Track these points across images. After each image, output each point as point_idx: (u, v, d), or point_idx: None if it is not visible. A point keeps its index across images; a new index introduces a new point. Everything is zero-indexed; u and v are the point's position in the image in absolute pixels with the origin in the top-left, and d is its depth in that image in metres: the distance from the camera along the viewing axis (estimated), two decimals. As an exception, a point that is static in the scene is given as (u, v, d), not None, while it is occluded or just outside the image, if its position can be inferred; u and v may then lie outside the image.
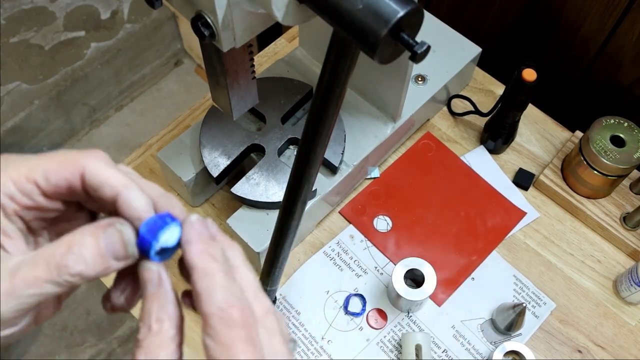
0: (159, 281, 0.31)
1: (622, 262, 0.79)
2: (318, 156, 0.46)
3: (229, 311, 0.29)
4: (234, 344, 0.29)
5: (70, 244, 0.29)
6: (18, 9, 1.44)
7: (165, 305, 0.30)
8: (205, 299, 0.30)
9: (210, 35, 0.45)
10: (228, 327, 0.29)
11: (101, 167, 0.31)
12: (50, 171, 0.31)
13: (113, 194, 0.31)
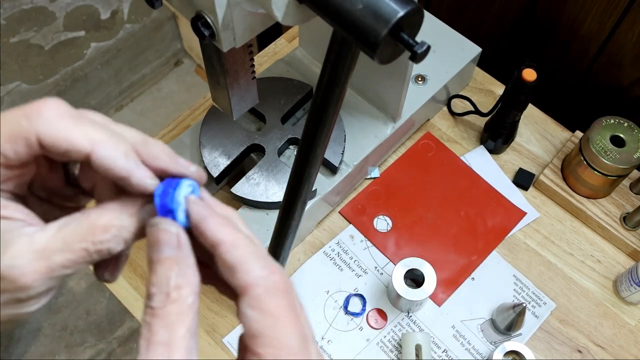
0: (178, 243, 0.28)
1: (622, 262, 0.79)
2: (318, 156, 0.46)
3: (272, 278, 0.28)
4: (280, 312, 0.28)
5: (107, 226, 0.28)
6: (18, 9, 1.44)
7: (186, 270, 0.28)
8: (243, 270, 0.28)
9: (210, 35, 0.45)
10: (273, 296, 0.28)
11: (58, 128, 0.27)
12: (5, 149, 0.27)
13: (83, 155, 0.28)
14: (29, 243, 0.27)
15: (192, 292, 0.27)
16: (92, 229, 0.27)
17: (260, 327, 0.27)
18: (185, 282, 0.27)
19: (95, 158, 0.27)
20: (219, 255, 0.28)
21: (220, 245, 0.28)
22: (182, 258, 0.28)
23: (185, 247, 0.28)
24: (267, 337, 0.27)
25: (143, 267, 0.77)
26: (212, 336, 0.73)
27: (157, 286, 0.27)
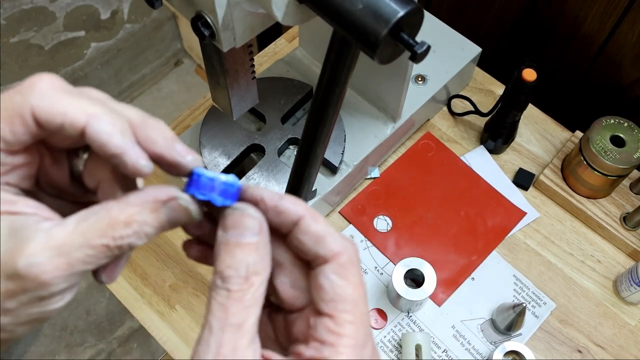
0: (260, 230, 0.28)
1: (622, 262, 0.79)
2: (318, 156, 0.46)
3: (353, 248, 0.29)
4: (359, 280, 0.29)
5: (128, 221, 0.27)
6: (18, 9, 1.44)
7: (264, 257, 0.28)
8: (330, 240, 0.29)
9: (210, 35, 0.45)
10: (355, 265, 0.29)
11: (52, 101, 0.26)
12: (4, 133, 0.27)
13: (78, 128, 0.26)
14: (47, 239, 0.26)
15: (266, 280, 0.28)
16: (112, 224, 0.27)
17: (344, 292, 0.28)
18: (262, 269, 0.28)
19: (90, 131, 0.26)
20: (303, 228, 0.29)
21: (303, 219, 0.29)
22: (262, 245, 0.28)
23: (265, 235, 0.28)
24: (349, 302, 0.28)
25: (143, 267, 0.77)
26: (212, 336, 0.73)
27: (235, 269, 0.27)
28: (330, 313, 0.28)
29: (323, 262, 0.29)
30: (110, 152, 0.27)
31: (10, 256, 0.26)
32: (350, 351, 0.28)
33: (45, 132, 0.27)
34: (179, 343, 0.72)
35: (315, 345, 0.28)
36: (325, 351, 0.27)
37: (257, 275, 0.27)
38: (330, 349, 0.27)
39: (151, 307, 0.74)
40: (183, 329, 0.73)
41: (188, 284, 0.76)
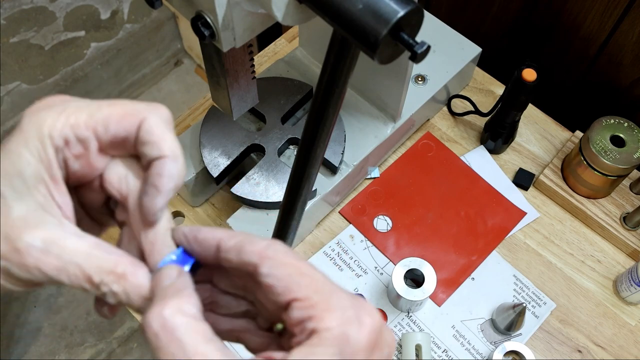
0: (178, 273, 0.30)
1: (622, 262, 0.79)
2: (318, 156, 0.46)
3: (273, 244, 0.30)
4: (294, 260, 0.29)
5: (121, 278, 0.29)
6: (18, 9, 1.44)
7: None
8: (250, 245, 0.29)
9: (210, 35, 0.45)
10: (283, 251, 0.30)
11: (160, 125, 0.30)
12: (111, 120, 0.29)
13: (156, 155, 0.29)
14: (60, 238, 0.28)
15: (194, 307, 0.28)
16: (112, 273, 0.28)
17: (287, 276, 0.28)
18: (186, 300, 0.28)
19: (162, 163, 0.29)
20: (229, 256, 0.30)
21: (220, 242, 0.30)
22: (177, 283, 0.29)
23: (184, 276, 0.30)
24: (299, 282, 0.28)
25: (143, 267, 0.77)
26: (212, 336, 0.73)
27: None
28: (291, 297, 0.28)
29: (256, 268, 0.29)
30: (160, 188, 0.29)
31: (24, 224, 0.27)
32: (328, 309, 0.27)
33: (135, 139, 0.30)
34: (179, 343, 0.72)
35: (299, 329, 0.28)
36: (310, 325, 0.27)
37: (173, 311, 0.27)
38: (311, 321, 0.27)
39: (151, 307, 0.74)
40: (183, 329, 0.73)
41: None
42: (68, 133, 0.28)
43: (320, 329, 0.27)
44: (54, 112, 0.29)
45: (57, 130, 0.28)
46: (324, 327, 0.27)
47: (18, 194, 0.27)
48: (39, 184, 0.28)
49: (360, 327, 0.27)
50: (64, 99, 0.30)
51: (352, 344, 0.27)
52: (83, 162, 0.30)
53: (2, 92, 1.56)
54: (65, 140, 0.28)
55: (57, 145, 0.28)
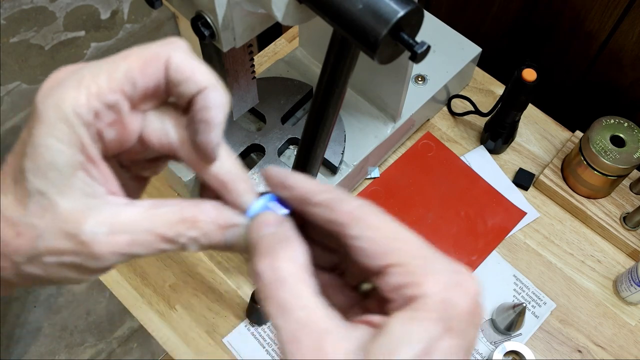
0: (277, 221, 0.29)
1: (622, 262, 0.79)
2: (318, 156, 0.46)
3: (365, 202, 0.28)
4: (385, 217, 0.28)
5: (195, 224, 0.27)
6: (18, 9, 1.44)
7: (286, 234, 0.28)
8: (341, 203, 0.28)
9: (210, 35, 0.45)
10: (373, 210, 0.28)
11: (187, 59, 0.27)
12: (134, 72, 0.26)
13: (196, 90, 0.27)
14: (115, 214, 0.26)
15: (301, 257, 0.27)
16: (183, 220, 0.27)
17: (382, 240, 0.27)
18: (292, 247, 0.27)
19: (206, 95, 0.27)
20: (318, 210, 0.28)
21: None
22: (279, 232, 0.28)
23: (286, 224, 0.28)
24: (395, 247, 0.26)
25: (143, 267, 0.77)
26: (212, 336, 0.73)
27: (260, 264, 0.26)
28: (388, 263, 0.26)
29: (344, 227, 0.27)
30: (207, 117, 0.27)
31: (78, 216, 0.25)
32: (429, 274, 0.26)
33: (169, 84, 0.27)
34: (179, 343, 0.72)
35: (397, 295, 0.26)
36: (409, 291, 0.25)
37: (283, 257, 0.26)
38: (410, 287, 0.25)
39: (151, 307, 0.74)
40: (183, 329, 0.73)
41: (188, 284, 0.76)
42: (95, 104, 0.25)
43: (421, 295, 0.25)
44: (71, 87, 0.26)
45: (83, 105, 0.25)
46: (426, 293, 0.25)
47: (58, 187, 0.25)
48: (77, 170, 0.26)
49: (463, 292, 0.26)
50: (72, 70, 0.27)
51: (455, 311, 0.25)
52: (118, 128, 0.27)
53: (2, 92, 1.56)
54: (94, 113, 0.26)
55: (87, 121, 0.25)
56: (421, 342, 0.24)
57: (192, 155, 0.29)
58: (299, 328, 0.24)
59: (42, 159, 0.25)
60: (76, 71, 0.27)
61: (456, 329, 0.25)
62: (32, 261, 0.26)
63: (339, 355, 0.24)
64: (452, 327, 0.25)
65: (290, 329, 0.24)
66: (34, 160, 0.25)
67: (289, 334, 0.24)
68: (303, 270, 0.26)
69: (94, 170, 0.26)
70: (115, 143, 0.28)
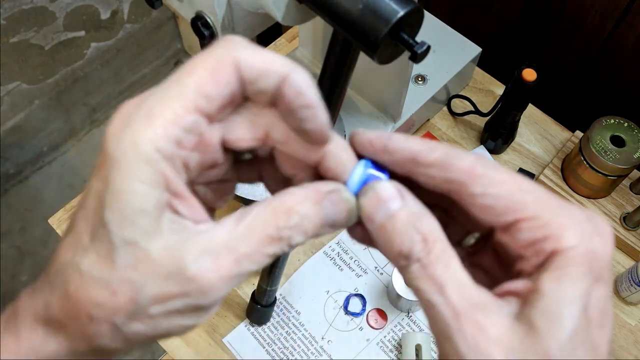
0: (400, 195, 0.26)
1: (622, 262, 0.79)
2: (318, 156, 0.46)
3: (482, 156, 0.27)
4: (504, 170, 0.27)
5: (290, 211, 0.25)
6: (18, 9, 1.44)
7: (419, 209, 0.26)
8: (458, 159, 0.26)
9: (210, 35, 0.45)
10: (490, 163, 0.26)
11: (255, 53, 0.25)
12: (205, 86, 0.24)
13: (278, 80, 0.24)
14: (210, 240, 0.24)
15: (438, 226, 0.25)
16: (275, 212, 0.25)
17: (507, 195, 0.25)
18: (425, 220, 0.25)
19: (292, 78, 0.24)
20: (422, 162, 0.27)
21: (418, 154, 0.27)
22: (410, 203, 0.26)
23: (408, 195, 0.26)
24: (523, 200, 0.25)
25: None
26: (212, 336, 0.73)
27: (407, 242, 0.25)
28: (518, 217, 0.25)
29: (466, 186, 0.26)
30: (306, 101, 0.24)
31: (174, 255, 0.23)
32: (565, 225, 0.24)
33: (244, 85, 0.25)
34: (179, 343, 0.72)
35: (531, 252, 0.25)
36: (547, 246, 0.24)
37: (429, 230, 0.25)
38: (548, 241, 0.24)
39: (151, 307, 0.74)
40: (183, 329, 0.73)
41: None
42: (174, 132, 0.23)
43: (563, 249, 0.24)
44: (143, 121, 0.23)
45: (161, 138, 0.23)
46: (567, 246, 0.24)
47: (148, 233, 0.23)
48: (164, 210, 0.24)
49: (603, 239, 0.25)
50: (137, 102, 0.25)
51: (600, 259, 0.24)
52: (201, 148, 0.25)
53: (2, 92, 1.56)
54: (176, 142, 0.23)
55: (170, 154, 0.23)
56: (580, 300, 0.23)
57: (299, 145, 0.26)
58: (458, 303, 0.23)
59: (128, 206, 0.23)
60: (142, 103, 0.24)
61: (603, 277, 0.24)
62: (136, 317, 0.24)
63: (499, 328, 0.23)
64: (601, 276, 0.24)
65: (449, 305, 0.23)
66: (117, 210, 0.23)
67: (449, 310, 0.23)
68: (448, 245, 0.25)
69: (181, 206, 0.24)
70: (199, 165, 0.25)
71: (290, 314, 0.74)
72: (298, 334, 0.73)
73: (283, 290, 0.76)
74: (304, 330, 0.73)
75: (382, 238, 0.26)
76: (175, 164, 0.24)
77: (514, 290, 0.25)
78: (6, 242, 1.68)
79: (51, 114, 1.72)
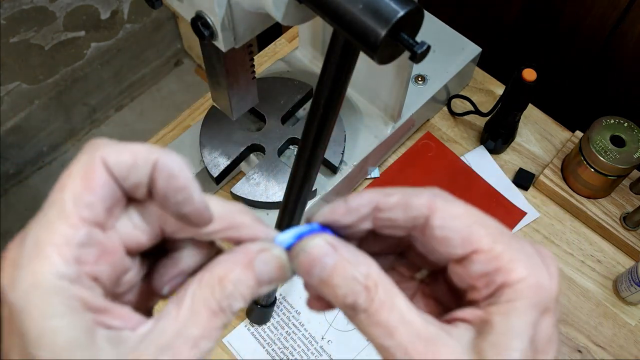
0: (333, 247, 0.26)
1: (622, 262, 0.79)
2: (318, 156, 0.46)
3: (437, 189, 0.28)
4: (466, 205, 0.27)
5: (222, 281, 0.24)
6: (18, 9, 1.44)
7: (357, 256, 0.26)
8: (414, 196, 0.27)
9: (210, 35, 0.45)
10: (448, 198, 0.27)
11: (119, 149, 0.24)
12: (82, 195, 0.23)
13: (149, 169, 0.24)
14: (159, 338, 0.23)
15: (377, 268, 0.25)
16: (210, 287, 0.24)
17: (465, 224, 0.26)
18: (367, 265, 0.25)
19: (162, 162, 0.24)
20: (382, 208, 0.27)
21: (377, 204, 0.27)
22: (346, 254, 0.26)
23: (340, 245, 0.26)
24: (478, 226, 0.26)
25: (143, 267, 0.77)
26: (212, 336, 0.73)
27: (348, 294, 0.25)
28: (472, 249, 0.26)
29: (424, 219, 0.27)
30: (179, 184, 0.24)
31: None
32: (516, 258, 0.25)
33: (119, 183, 0.24)
34: (179, 343, 0.72)
35: (483, 283, 0.25)
36: (498, 278, 0.25)
37: (368, 275, 0.25)
38: (499, 273, 0.25)
39: (151, 307, 0.74)
40: (183, 329, 0.73)
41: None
42: (70, 252, 0.23)
43: (512, 281, 0.24)
44: (32, 257, 0.22)
45: (59, 263, 0.22)
46: (517, 279, 0.24)
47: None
48: (96, 330, 0.23)
49: (550, 273, 0.25)
50: (17, 243, 0.23)
51: (546, 292, 0.25)
52: (106, 258, 0.24)
53: (2, 92, 1.56)
54: (76, 261, 0.23)
55: (75, 275, 0.22)
56: (527, 332, 0.24)
57: (186, 229, 0.27)
58: (409, 343, 0.24)
59: (57, 346, 0.21)
60: (22, 240, 0.23)
61: (550, 308, 0.25)
62: None
63: (451, 356, 0.24)
64: (547, 308, 0.25)
65: (400, 346, 0.24)
66: (47, 355, 0.21)
67: (401, 351, 0.24)
68: (390, 283, 0.25)
69: (110, 319, 0.23)
70: (112, 276, 0.25)
71: (290, 314, 0.74)
72: (298, 334, 0.73)
73: (283, 290, 0.76)
74: (304, 330, 0.74)
75: (325, 293, 0.26)
76: (84, 282, 0.23)
77: (463, 317, 0.26)
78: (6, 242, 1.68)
79: (51, 114, 1.72)
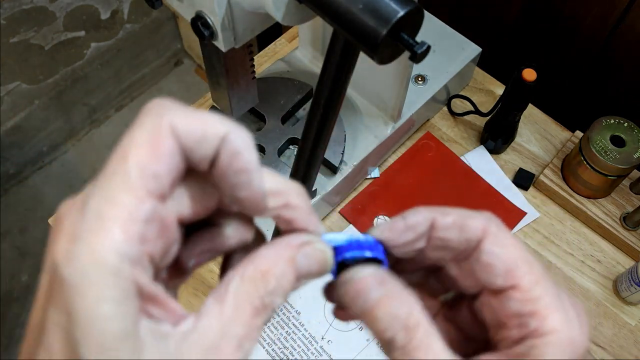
0: (381, 281, 0.26)
1: (622, 262, 0.79)
2: (318, 156, 0.46)
3: (492, 217, 0.28)
4: (517, 241, 0.28)
5: (266, 275, 0.23)
6: (18, 9, 1.44)
7: (401, 296, 0.25)
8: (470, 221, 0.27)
9: (210, 35, 0.45)
10: (503, 229, 0.28)
11: (190, 116, 0.22)
12: (149, 164, 0.21)
13: (217, 142, 0.22)
14: (203, 339, 0.22)
15: (421, 311, 0.25)
16: (253, 283, 0.23)
17: (512, 257, 0.26)
18: (410, 304, 0.25)
19: (231, 138, 0.22)
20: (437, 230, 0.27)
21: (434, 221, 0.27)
22: (393, 290, 0.25)
23: (388, 279, 0.26)
24: (523, 263, 0.26)
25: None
26: (212, 336, 0.73)
27: (390, 329, 0.25)
28: (512, 284, 0.25)
29: (477, 242, 0.27)
30: (243, 165, 0.22)
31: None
32: (553, 306, 0.25)
33: (184, 152, 0.22)
34: (179, 343, 0.72)
35: (515, 323, 0.25)
36: (532, 322, 0.25)
37: (409, 315, 0.24)
38: (533, 317, 0.25)
39: (151, 307, 0.74)
40: (183, 329, 0.73)
41: (188, 283, 0.76)
42: (136, 229, 0.20)
43: (545, 331, 0.24)
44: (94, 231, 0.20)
45: (124, 241, 0.20)
46: (550, 329, 0.24)
47: (132, 352, 0.20)
48: (141, 320, 0.21)
49: (581, 331, 0.25)
50: (76, 208, 0.21)
51: (577, 350, 0.24)
52: (163, 232, 0.22)
53: (2, 92, 1.56)
54: (140, 239, 0.21)
55: (138, 255, 0.21)
56: None
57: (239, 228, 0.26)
58: None
59: (106, 336, 0.19)
60: (83, 207, 0.21)
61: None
62: None
63: None
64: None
65: None
66: (95, 344, 0.19)
67: None
68: (430, 325, 0.25)
69: (155, 309, 0.22)
70: (162, 251, 0.22)
71: (290, 314, 0.74)
72: (298, 334, 0.73)
73: (283, 290, 0.76)
74: (304, 330, 0.73)
75: (365, 322, 0.26)
76: (144, 263, 0.21)
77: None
78: (6, 242, 1.68)
79: (51, 114, 1.72)
